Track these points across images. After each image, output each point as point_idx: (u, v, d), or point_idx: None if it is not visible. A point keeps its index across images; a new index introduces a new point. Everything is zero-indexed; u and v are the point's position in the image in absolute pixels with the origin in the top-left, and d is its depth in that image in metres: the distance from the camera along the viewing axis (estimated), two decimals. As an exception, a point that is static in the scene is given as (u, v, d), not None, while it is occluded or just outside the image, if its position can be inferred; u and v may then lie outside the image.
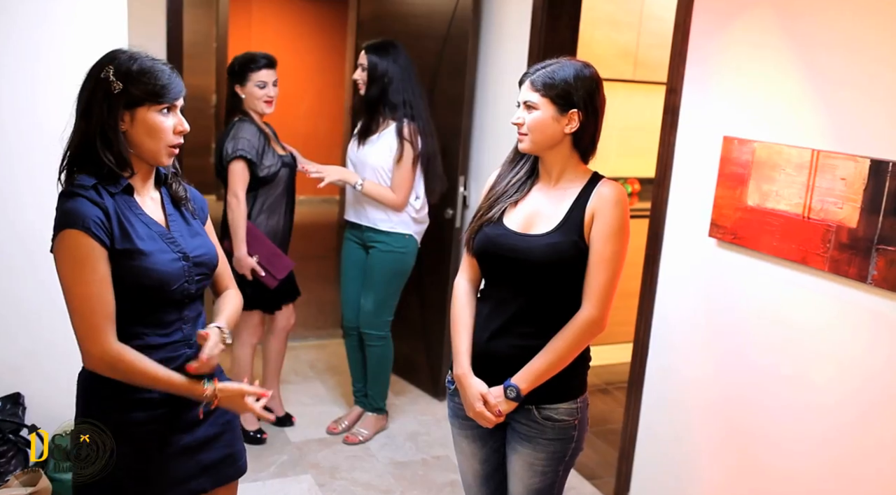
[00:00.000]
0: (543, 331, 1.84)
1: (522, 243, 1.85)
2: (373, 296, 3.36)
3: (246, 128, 3.06)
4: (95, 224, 1.54)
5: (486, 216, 1.92)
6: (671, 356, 2.55)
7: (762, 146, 2.16)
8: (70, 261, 1.54)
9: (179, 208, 1.76)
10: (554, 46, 3.19)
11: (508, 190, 1.93)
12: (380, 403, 3.51)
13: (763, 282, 2.19)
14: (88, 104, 1.58)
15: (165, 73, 1.61)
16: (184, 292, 1.68)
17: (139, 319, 1.64)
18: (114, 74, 1.57)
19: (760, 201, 2.17)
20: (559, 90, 1.81)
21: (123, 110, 1.58)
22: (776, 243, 2.12)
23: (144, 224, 1.64)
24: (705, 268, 2.39)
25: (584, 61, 1.87)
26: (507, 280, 1.90)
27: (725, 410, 2.34)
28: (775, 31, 2.15)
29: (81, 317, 1.55)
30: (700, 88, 2.40)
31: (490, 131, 3.57)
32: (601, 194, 1.82)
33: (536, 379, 1.83)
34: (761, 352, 2.21)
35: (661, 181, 2.55)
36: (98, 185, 1.58)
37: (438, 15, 3.65)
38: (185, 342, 1.70)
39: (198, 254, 1.72)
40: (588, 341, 1.85)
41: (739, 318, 2.28)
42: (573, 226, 1.82)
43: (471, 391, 1.89)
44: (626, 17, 4.41)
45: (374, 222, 3.32)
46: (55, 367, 2.56)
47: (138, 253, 1.59)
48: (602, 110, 1.85)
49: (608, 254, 1.79)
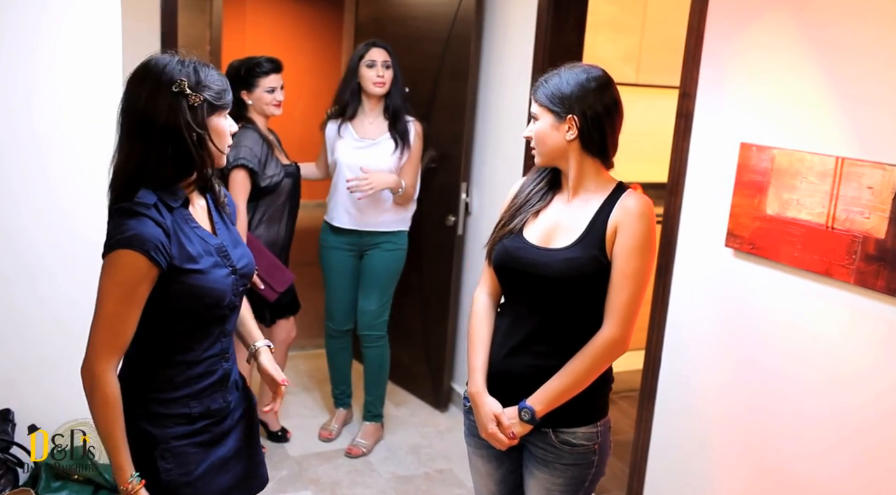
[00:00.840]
0: (561, 350, 1.76)
1: (540, 258, 1.77)
2: (377, 297, 3.32)
3: (248, 135, 2.97)
4: (157, 248, 1.48)
5: (507, 227, 1.85)
6: (685, 367, 2.47)
7: (782, 153, 2.08)
8: (119, 280, 1.48)
9: (221, 214, 1.72)
10: (560, 49, 3.11)
11: (531, 199, 1.86)
12: (380, 410, 3.45)
13: (783, 294, 2.12)
14: (168, 122, 1.50)
15: (222, 77, 1.58)
16: (231, 306, 1.66)
17: (187, 335, 1.61)
18: (189, 87, 1.50)
19: (780, 210, 2.09)
20: (554, 97, 1.75)
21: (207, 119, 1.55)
22: (797, 254, 2.05)
23: (201, 239, 1.60)
24: (721, 278, 2.32)
25: (588, 65, 1.80)
26: (525, 295, 1.82)
27: (743, 424, 2.26)
28: (795, 35, 2.08)
29: (103, 331, 1.49)
30: (715, 93, 2.33)
31: (493, 137, 3.49)
32: (625, 206, 1.73)
33: (553, 401, 1.75)
34: (781, 364, 2.14)
35: (675, 188, 2.47)
36: (158, 203, 1.52)
37: (440, 17, 3.57)
38: (222, 355, 1.68)
39: (243, 265, 1.69)
40: (608, 363, 1.77)
41: (757, 330, 2.21)
42: (594, 240, 1.73)
43: (484, 410, 1.82)
44: (629, 21, 4.35)
45: (378, 225, 3.26)
46: (49, 382, 2.47)
47: (197, 272, 1.55)
48: (611, 113, 1.75)
49: (631, 270, 1.70)
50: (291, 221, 3.19)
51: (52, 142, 2.45)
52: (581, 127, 1.73)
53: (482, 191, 3.58)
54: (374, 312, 3.33)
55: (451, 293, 3.68)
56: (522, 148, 3.25)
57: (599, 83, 1.73)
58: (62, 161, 2.47)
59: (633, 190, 1.79)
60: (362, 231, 3.26)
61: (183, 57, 1.55)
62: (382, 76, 3.16)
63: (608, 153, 1.78)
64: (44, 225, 2.47)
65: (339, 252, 3.32)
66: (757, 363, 2.21)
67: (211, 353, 1.64)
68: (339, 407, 3.55)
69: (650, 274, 1.75)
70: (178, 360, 1.59)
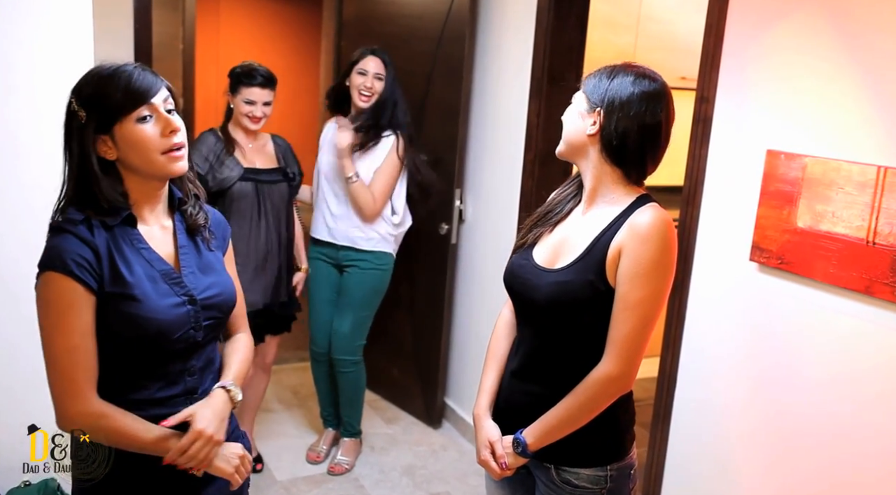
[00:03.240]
0: (558, 381, 1.59)
1: (533, 279, 1.60)
2: (350, 318, 3.12)
3: (204, 137, 2.88)
4: (79, 265, 1.30)
5: (522, 240, 1.69)
6: (704, 389, 2.32)
7: (815, 162, 1.94)
8: (50, 307, 1.32)
9: (194, 238, 1.51)
10: (561, 49, 2.96)
11: (553, 209, 1.69)
12: (357, 427, 3.30)
13: (816, 313, 1.97)
14: (67, 143, 1.38)
15: (127, 74, 1.36)
16: (188, 341, 1.44)
17: (136, 371, 1.41)
18: (77, 103, 1.35)
19: (813, 223, 1.95)
20: (596, 86, 1.56)
21: (101, 136, 1.36)
22: (833, 270, 1.91)
23: (146, 261, 1.41)
24: (745, 295, 2.17)
25: (650, 71, 1.57)
26: (525, 318, 1.66)
27: (768, 453, 2.12)
28: (827, 35, 1.93)
29: (62, 371, 1.32)
30: (737, 97, 2.18)
31: (489, 141, 3.32)
32: (633, 225, 1.49)
33: (546, 435, 1.58)
34: (812, 388, 1.99)
35: (691, 198, 2.33)
36: (90, 219, 1.35)
37: (431, 14, 3.39)
38: (186, 396, 1.47)
39: (209, 295, 1.48)
40: (606, 401, 1.55)
41: (786, 350, 2.06)
42: (592, 262, 1.52)
43: (480, 435, 1.68)
44: (624, 19, 4.20)
45: (352, 241, 3.07)
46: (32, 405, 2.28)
47: (131, 298, 1.36)
48: (649, 131, 1.52)
49: (634, 300, 1.48)
50: (275, 230, 2.95)
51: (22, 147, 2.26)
52: (604, 126, 1.54)
53: (477, 198, 3.41)
54: (347, 335, 3.12)
55: (444, 304, 3.51)
56: (521, 153, 3.09)
57: (646, 93, 1.52)
58: (36, 167, 2.27)
59: (652, 205, 1.55)
60: (338, 245, 3.10)
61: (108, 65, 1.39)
62: (370, 88, 2.98)
63: (628, 168, 1.56)
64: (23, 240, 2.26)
65: (321, 263, 3.16)
66: (785, 387, 2.07)
67: (170, 394, 1.44)
68: (328, 427, 3.36)
69: (661, 303, 1.53)
70: (132, 399, 1.40)
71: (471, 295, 3.50)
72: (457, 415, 3.59)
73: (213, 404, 1.45)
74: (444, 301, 3.51)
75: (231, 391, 1.49)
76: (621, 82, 1.54)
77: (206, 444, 1.40)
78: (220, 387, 1.49)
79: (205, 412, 1.42)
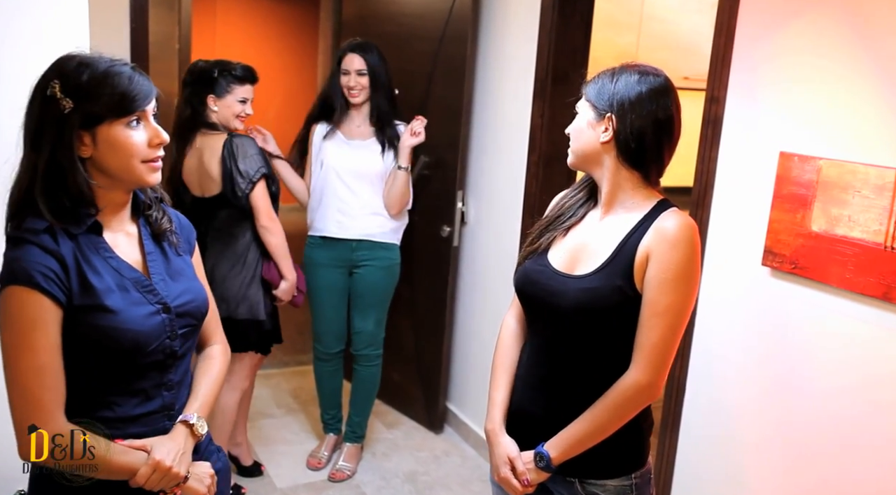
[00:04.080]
0: (583, 390, 1.55)
1: (557, 285, 1.55)
2: (374, 316, 3.13)
3: (249, 142, 2.69)
4: (46, 277, 1.23)
5: (534, 245, 1.63)
6: (713, 397, 2.28)
7: (830, 164, 1.90)
8: (14, 324, 1.23)
9: (161, 243, 1.45)
10: (565, 49, 2.91)
11: (564, 213, 1.64)
12: (364, 431, 3.25)
13: (832, 319, 1.93)
14: (37, 131, 1.27)
15: (125, 76, 1.29)
16: (166, 352, 1.38)
17: (108, 386, 1.33)
18: (61, 90, 1.25)
19: (828, 227, 1.91)
20: (600, 92, 1.52)
21: (81, 132, 1.27)
22: (849, 275, 1.86)
23: (115, 270, 1.34)
24: (757, 300, 2.12)
25: (650, 67, 1.56)
26: (544, 326, 1.61)
27: (783, 465, 2.07)
28: (842, 35, 1.89)
29: (27, 392, 1.24)
30: (748, 98, 2.13)
31: (491, 142, 3.27)
32: (660, 230, 1.48)
33: (571, 448, 1.53)
34: (828, 396, 1.95)
35: (701, 200, 2.28)
36: (53, 227, 1.27)
37: (433, 14, 3.34)
38: (164, 412, 1.40)
39: (182, 303, 1.41)
40: (635, 410, 1.53)
41: (800, 357, 2.02)
42: (619, 267, 1.50)
43: (498, 451, 1.62)
44: (626, 19, 4.16)
45: (368, 233, 3.02)
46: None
47: (104, 310, 1.29)
48: (661, 126, 1.50)
49: (663, 306, 1.46)
50: None
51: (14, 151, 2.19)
52: (618, 131, 1.51)
53: (479, 200, 3.36)
54: (372, 332, 3.14)
55: (446, 307, 3.46)
56: (524, 154, 3.04)
57: (654, 90, 1.50)
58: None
59: (675, 210, 1.54)
60: (352, 240, 3.03)
61: (99, 57, 1.31)
62: (355, 86, 2.97)
63: (647, 168, 1.54)
64: None
65: (328, 270, 3.08)
66: (797, 394, 2.02)
67: (146, 410, 1.38)
68: (329, 432, 3.31)
69: (689, 309, 1.51)
70: (100, 417, 1.32)
71: (473, 298, 3.45)
72: (459, 420, 3.55)
73: (174, 437, 1.39)
74: (446, 304, 3.47)
75: (194, 425, 1.42)
76: (626, 83, 1.51)
77: (163, 476, 1.34)
78: (182, 421, 1.42)
79: (164, 443, 1.36)
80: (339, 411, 3.30)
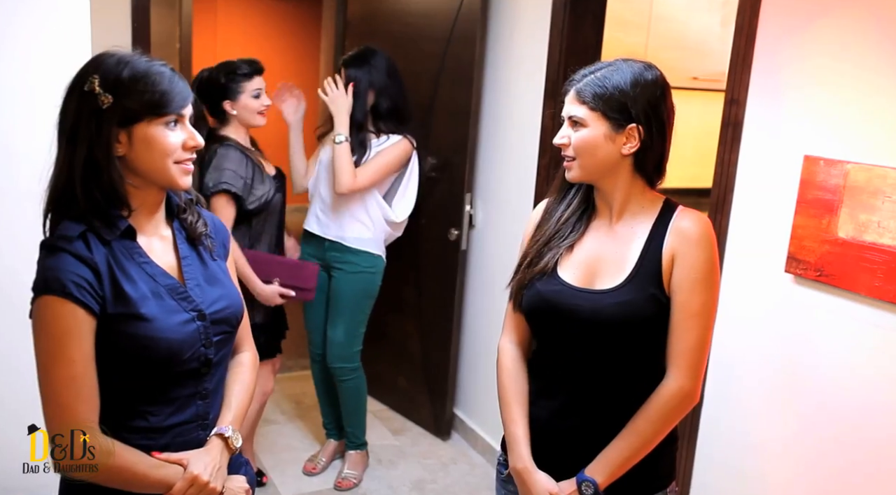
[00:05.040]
0: (615, 407, 1.49)
1: (586, 302, 1.47)
2: (342, 326, 3.00)
3: (230, 157, 2.60)
4: (79, 286, 1.20)
5: (537, 267, 1.53)
6: (733, 407, 2.22)
7: (858, 168, 1.84)
8: (48, 334, 1.20)
9: (196, 247, 1.41)
10: (577, 50, 2.85)
11: (561, 229, 1.55)
12: (361, 438, 3.16)
13: (859, 328, 1.87)
14: (73, 127, 1.23)
15: (165, 76, 1.26)
16: (201, 360, 1.34)
17: (141, 396, 1.30)
18: (100, 85, 1.22)
19: (856, 233, 1.85)
20: (613, 101, 1.43)
21: (118, 129, 1.24)
22: (879, 283, 1.80)
23: (149, 277, 1.30)
24: (780, 308, 2.06)
25: (645, 62, 1.50)
26: (570, 345, 1.52)
27: (808, 483, 2.01)
28: (870, 35, 1.83)
29: (62, 403, 1.21)
30: (770, 100, 2.07)
31: (500, 144, 3.21)
32: (681, 230, 1.45)
33: (617, 468, 1.47)
34: (856, 412, 1.89)
35: (721, 204, 2.22)
36: (87, 233, 1.23)
37: (440, 13, 3.28)
38: (198, 422, 1.37)
39: (217, 309, 1.38)
40: (679, 418, 1.49)
41: (825, 370, 1.95)
42: (648, 275, 1.45)
43: (536, 489, 1.52)
44: (635, 18, 4.10)
45: (342, 236, 2.94)
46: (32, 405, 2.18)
47: (138, 318, 1.25)
48: (670, 123, 1.48)
49: (697, 307, 1.43)
50: (280, 232, 2.86)
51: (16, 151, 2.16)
52: (645, 140, 1.45)
53: (487, 203, 3.30)
54: (341, 343, 3.01)
55: (453, 312, 3.40)
56: (535, 156, 2.98)
57: (662, 86, 1.47)
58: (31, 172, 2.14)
59: (685, 208, 1.51)
60: (325, 240, 2.98)
61: (138, 55, 1.27)
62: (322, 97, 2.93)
63: (654, 171, 1.51)
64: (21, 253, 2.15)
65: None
66: (822, 408, 1.96)
67: (179, 420, 1.34)
68: (329, 437, 3.25)
69: (716, 307, 1.48)
70: (133, 427, 1.30)
71: (481, 302, 3.39)
72: (466, 426, 3.48)
73: (210, 451, 1.36)
74: (454, 308, 3.40)
75: (230, 438, 1.40)
76: (635, 81, 1.45)
77: (199, 492, 1.30)
78: (218, 435, 1.39)
79: (200, 457, 1.33)
80: (337, 415, 3.22)
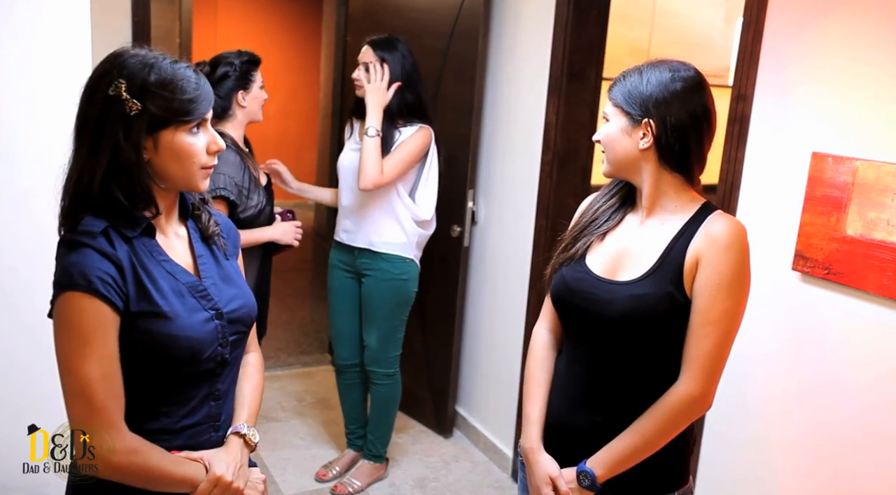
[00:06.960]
0: (628, 403, 1.48)
1: (601, 292, 1.47)
2: (376, 332, 2.95)
3: (227, 159, 2.39)
4: (105, 283, 1.17)
5: (568, 252, 1.55)
6: (739, 404, 2.20)
7: (867, 165, 1.82)
8: (73, 332, 1.17)
9: (210, 246, 1.40)
10: (581, 46, 2.83)
11: (598, 218, 1.57)
12: (380, 450, 3.09)
13: (867, 327, 1.85)
14: (97, 131, 1.20)
15: (192, 81, 1.24)
16: (217, 359, 1.33)
17: (157, 396, 1.29)
18: (127, 90, 1.19)
19: (865, 231, 1.83)
20: (630, 96, 1.45)
21: (145, 135, 1.22)
22: (888, 282, 1.78)
23: (170, 275, 1.29)
24: (786, 307, 2.05)
25: (678, 62, 1.49)
26: (585, 336, 1.53)
27: (815, 481, 2.00)
28: (879, 32, 1.81)
29: (94, 402, 1.17)
30: (778, 96, 2.05)
31: (503, 141, 3.19)
32: (710, 233, 1.43)
33: (617, 464, 1.47)
34: (866, 414, 1.87)
35: (726, 201, 2.20)
36: (109, 229, 1.21)
37: (443, 8, 3.26)
38: (210, 424, 1.36)
39: (233, 309, 1.37)
40: (685, 423, 1.47)
41: (834, 369, 1.94)
42: (668, 272, 1.43)
43: (538, 470, 1.54)
44: (638, 13, 4.08)
45: (371, 243, 2.86)
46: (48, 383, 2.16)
47: (161, 316, 1.24)
48: (699, 122, 1.45)
49: (717, 314, 1.41)
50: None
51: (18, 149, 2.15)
52: (658, 135, 1.44)
53: (490, 200, 3.28)
54: (376, 348, 2.96)
55: (456, 309, 3.38)
56: (538, 153, 2.96)
57: (687, 85, 1.44)
58: (33, 170, 2.14)
59: (722, 212, 1.49)
60: (356, 248, 2.90)
61: (161, 56, 1.24)
62: (358, 78, 2.79)
63: (691, 169, 1.49)
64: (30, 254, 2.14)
65: (337, 271, 3.00)
66: (830, 407, 1.94)
67: (192, 421, 1.33)
68: (349, 447, 3.18)
69: (741, 317, 1.45)
70: (145, 429, 1.27)
71: (484, 299, 3.37)
72: (468, 424, 3.47)
73: (230, 450, 1.35)
74: (456, 305, 3.39)
75: (247, 435, 1.40)
76: (659, 83, 1.45)
77: (223, 492, 1.30)
78: (235, 433, 1.39)
79: (222, 457, 1.32)
80: (359, 426, 3.15)
